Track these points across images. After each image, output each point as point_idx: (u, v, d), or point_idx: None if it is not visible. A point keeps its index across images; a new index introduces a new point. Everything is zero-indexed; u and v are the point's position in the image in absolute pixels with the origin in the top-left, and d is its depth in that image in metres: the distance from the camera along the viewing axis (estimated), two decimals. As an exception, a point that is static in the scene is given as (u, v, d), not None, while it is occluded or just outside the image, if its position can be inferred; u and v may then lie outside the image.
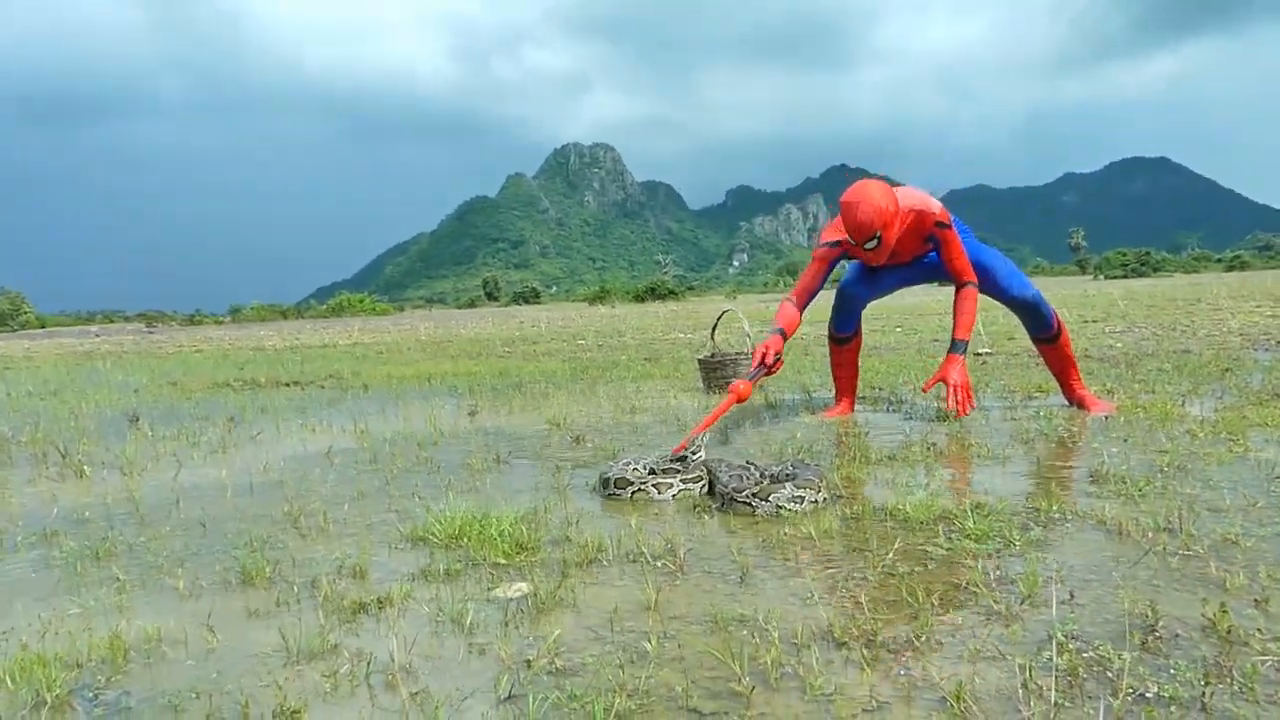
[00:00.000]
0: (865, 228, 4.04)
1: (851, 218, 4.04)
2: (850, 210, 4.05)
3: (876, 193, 4.06)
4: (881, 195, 4.06)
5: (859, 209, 4.02)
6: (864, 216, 4.02)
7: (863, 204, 4.02)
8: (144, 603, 2.17)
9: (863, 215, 4.02)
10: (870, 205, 4.02)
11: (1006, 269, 4.61)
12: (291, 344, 17.74)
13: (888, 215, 4.07)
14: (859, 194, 4.07)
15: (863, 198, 4.04)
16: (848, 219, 4.06)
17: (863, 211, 4.02)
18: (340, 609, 2.03)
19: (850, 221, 4.06)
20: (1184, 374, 5.82)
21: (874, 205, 4.02)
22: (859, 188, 4.12)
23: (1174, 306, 15.26)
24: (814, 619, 1.85)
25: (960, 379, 4.29)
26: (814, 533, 2.47)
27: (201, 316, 58.62)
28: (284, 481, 3.59)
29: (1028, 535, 2.36)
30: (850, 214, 4.05)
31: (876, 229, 4.05)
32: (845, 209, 4.07)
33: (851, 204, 4.05)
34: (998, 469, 3.26)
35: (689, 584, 2.12)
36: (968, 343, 4.32)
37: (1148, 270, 68.03)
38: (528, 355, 10.97)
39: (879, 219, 4.03)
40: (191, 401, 7.17)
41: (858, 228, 4.05)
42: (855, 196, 4.06)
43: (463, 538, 2.55)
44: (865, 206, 4.01)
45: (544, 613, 1.96)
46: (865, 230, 4.05)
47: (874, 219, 4.02)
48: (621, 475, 3.09)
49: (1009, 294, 4.59)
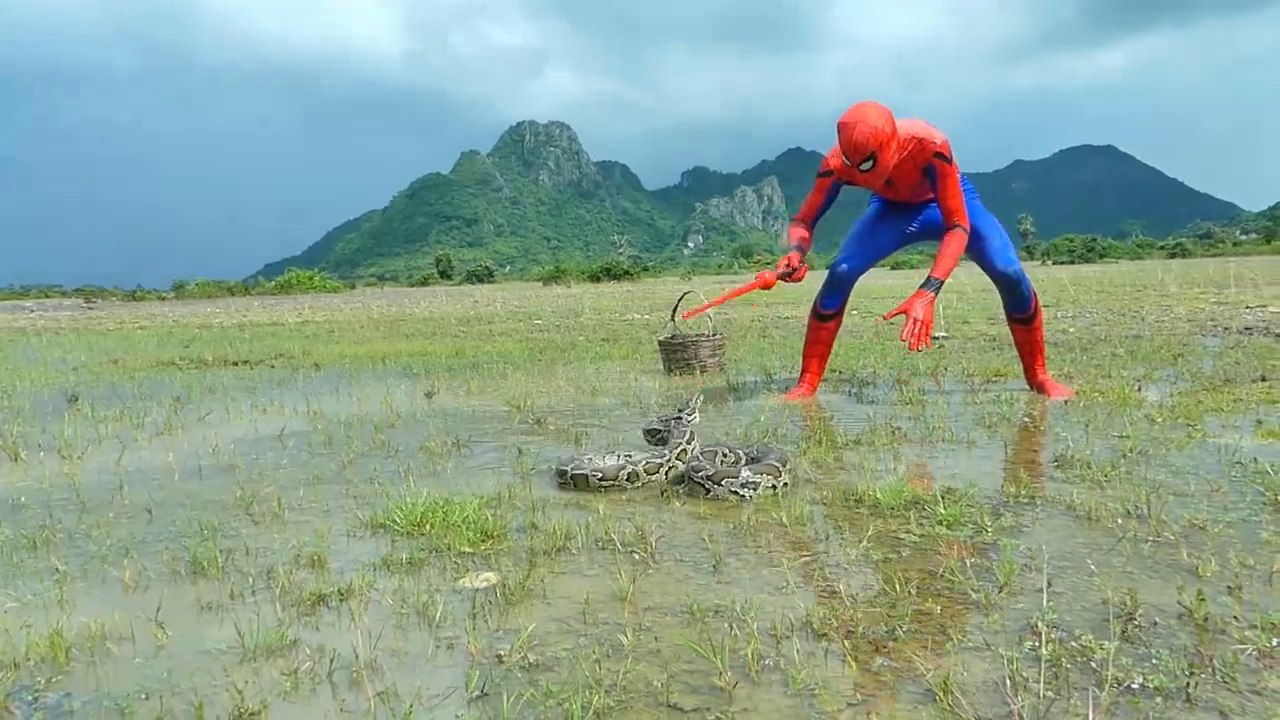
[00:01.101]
0: (861, 148, 3.99)
1: (847, 138, 4.00)
2: (847, 130, 4.01)
3: (873, 113, 4.01)
4: (878, 116, 4.01)
5: (855, 129, 3.98)
6: (859, 136, 3.97)
7: (859, 124, 3.98)
8: (86, 596, 2.06)
9: (858, 135, 3.97)
10: (866, 125, 3.97)
11: (1001, 240, 4.59)
12: (239, 321, 17.34)
13: (884, 136, 4.01)
14: (856, 114, 4.02)
15: (859, 118, 3.99)
16: (844, 139, 4.03)
17: (859, 131, 3.97)
18: (298, 601, 1.94)
19: (846, 142, 4.02)
20: (1137, 359, 5.89)
21: (870, 125, 3.97)
22: (856, 108, 4.06)
23: (1122, 292, 15.55)
24: (791, 609, 1.80)
25: (923, 315, 4.18)
26: (785, 519, 2.43)
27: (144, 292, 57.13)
28: (235, 465, 3.47)
29: (999, 521, 2.35)
30: (846, 134, 4.01)
31: (872, 149, 4.00)
32: (842, 129, 4.03)
33: (848, 124, 4.01)
34: (963, 454, 3.25)
35: (661, 573, 2.06)
36: (942, 284, 4.29)
37: (1094, 256, 69.41)
38: (483, 335, 10.82)
39: (874, 139, 3.98)
40: (134, 381, 6.95)
41: (854, 147, 4.01)
42: (852, 117, 4.02)
43: (425, 525, 2.47)
44: (862, 126, 3.97)
45: (513, 604, 1.89)
46: (861, 150, 4.00)
47: (869, 139, 3.97)
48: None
49: (996, 266, 4.55)
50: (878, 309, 12.78)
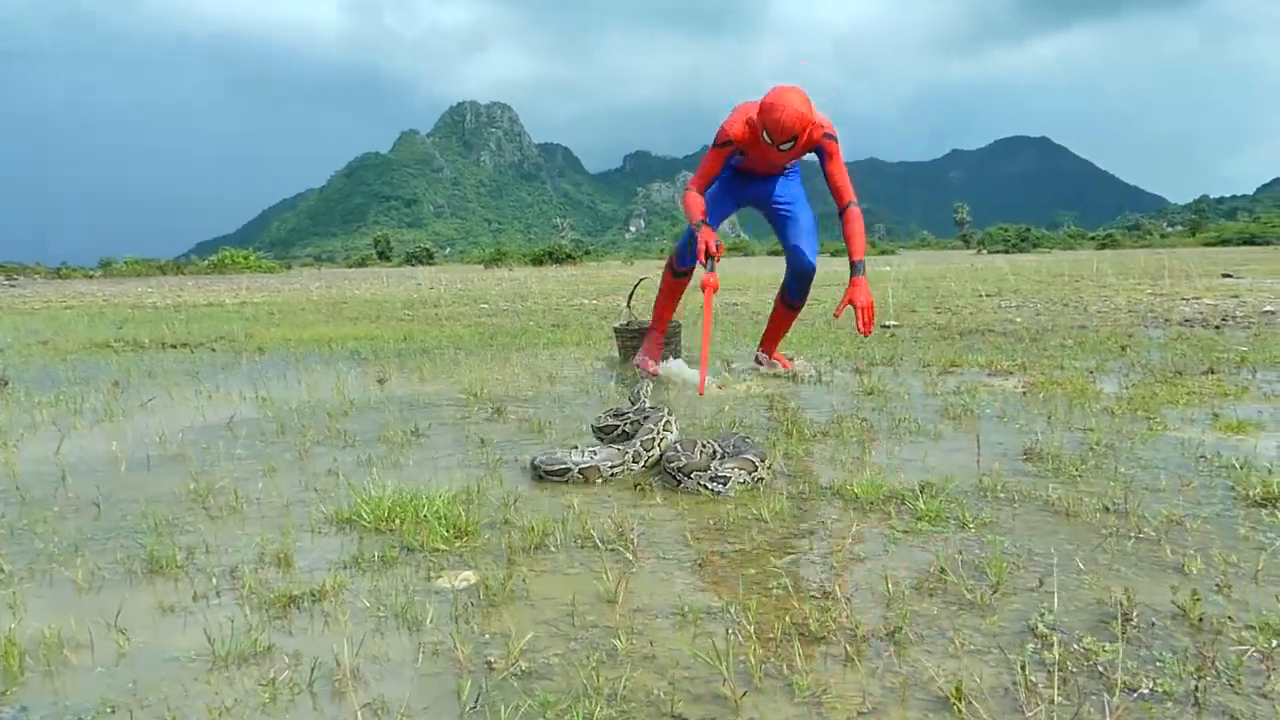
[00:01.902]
0: (788, 130, 4.37)
1: (775, 120, 4.34)
2: (774, 112, 4.34)
3: (798, 99, 4.37)
4: (803, 101, 4.39)
5: (784, 111, 4.33)
6: (788, 119, 4.34)
7: (787, 108, 4.33)
8: (36, 598, 1.93)
9: (787, 118, 4.34)
10: (794, 109, 4.34)
11: (813, 234, 5.07)
12: (174, 302, 16.82)
13: (807, 120, 4.40)
14: (782, 99, 4.36)
15: (786, 102, 4.35)
16: (771, 121, 4.36)
17: (788, 115, 4.33)
18: (268, 603, 1.85)
19: (774, 124, 4.35)
20: (1086, 350, 5.99)
21: (797, 110, 4.35)
22: (781, 93, 4.39)
23: (1060, 282, 15.86)
24: (785, 610, 1.76)
25: (866, 300, 4.56)
26: (765, 514, 2.38)
27: (69, 270, 55.16)
28: (185, 455, 3.33)
29: (979, 516, 2.33)
30: (774, 116, 4.34)
31: (796, 132, 4.38)
32: (769, 110, 4.36)
33: (776, 106, 4.35)
34: (931, 446, 3.24)
35: (645, 572, 2.01)
36: (865, 262, 4.68)
37: (1028, 246, 70.83)
38: (430, 319, 10.63)
39: (800, 123, 4.37)
40: (67, 363, 6.67)
41: (781, 129, 4.36)
42: (779, 100, 4.36)
43: (394, 520, 2.38)
44: (790, 110, 4.33)
45: (496, 606, 1.82)
46: (788, 132, 4.38)
47: (796, 122, 4.35)
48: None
49: (801, 252, 4.98)
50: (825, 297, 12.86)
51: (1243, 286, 12.85)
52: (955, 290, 13.54)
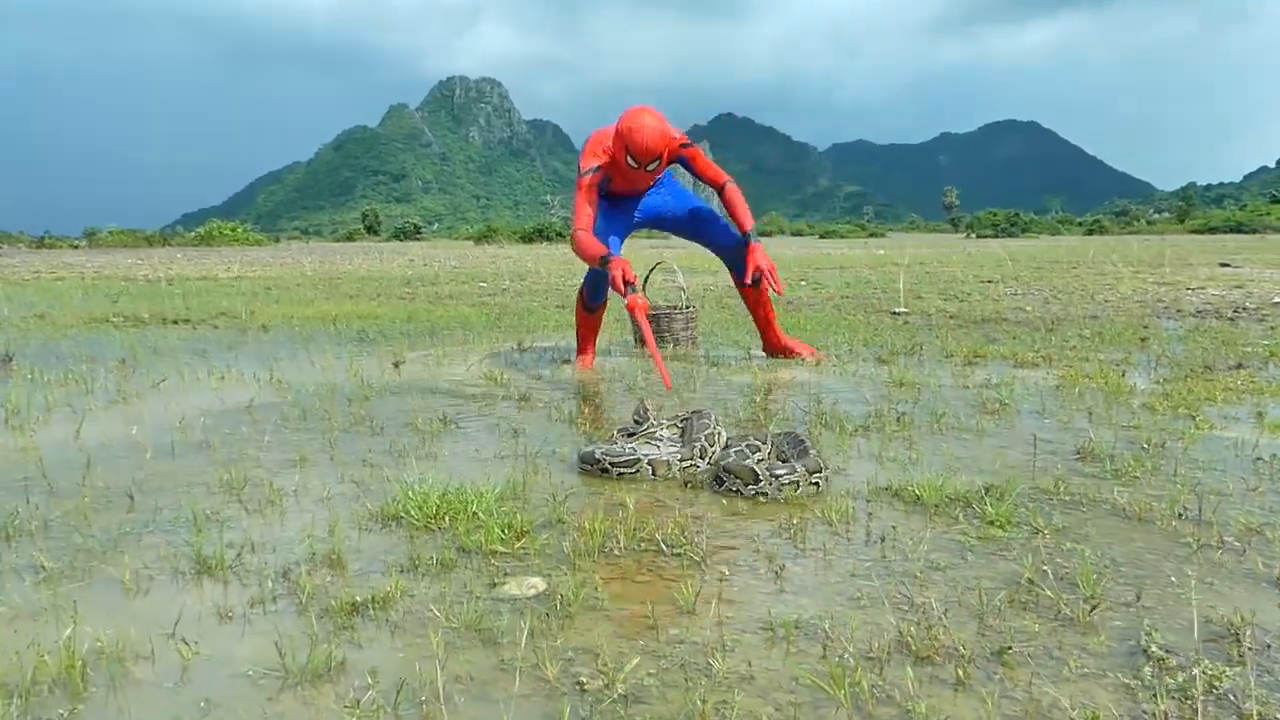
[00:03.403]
0: (653, 150, 4.41)
1: (640, 142, 4.38)
2: (638, 134, 4.38)
3: (655, 120, 4.44)
4: (659, 120, 4.45)
5: (645, 132, 4.39)
6: (651, 140, 4.39)
7: (647, 128, 4.39)
8: (84, 600, 1.84)
9: (650, 139, 4.39)
10: (654, 130, 4.39)
11: (713, 211, 5.15)
12: (166, 275, 16.59)
13: (666, 137, 4.44)
14: (640, 120, 4.42)
15: (644, 124, 4.40)
16: (636, 143, 4.38)
17: (649, 135, 4.39)
18: (330, 610, 1.76)
19: (639, 145, 4.39)
20: (1106, 341, 5.93)
21: (657, 129, 4.40)
22: (638, 115, 4.45)
23: (1059, 269, 15.82)
24: (878, 625, 1.68)
25: (769, 263, 4.67)
26: (831, 517, 2.31)
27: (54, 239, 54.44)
28: (210, 442, 3.22)
29: (1052, 522, 2.26)
30: (639, 138, 4.38)
31: (660, 151, 4.43)
32: (634, 133, 4.39)
33: (638, 129, 4.39)
34: (976, 443, 3.17)
35: (719, 580, 1.92)
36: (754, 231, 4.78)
37: (1016, 231, 70.90)
38: (431, 298, 10.50)
39: (662, 142, 4.43)
40: (69, 339, 6.54)
41: (646, 150, 4.40)
42: (639, 122, 4.41)
43: (442, 517, 2.29)
44: (650, 131, 4.39)
45: (571, 617, 1.73)
46: (653, 152, 4.42)
47: (658, 142, 4.41)
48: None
49: (720, 242, 5.04)
50: (828, 281, 12.79)
51: (1244, 276, 12.83)
52: (959, 277, 13.48)
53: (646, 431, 3.08)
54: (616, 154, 4.49)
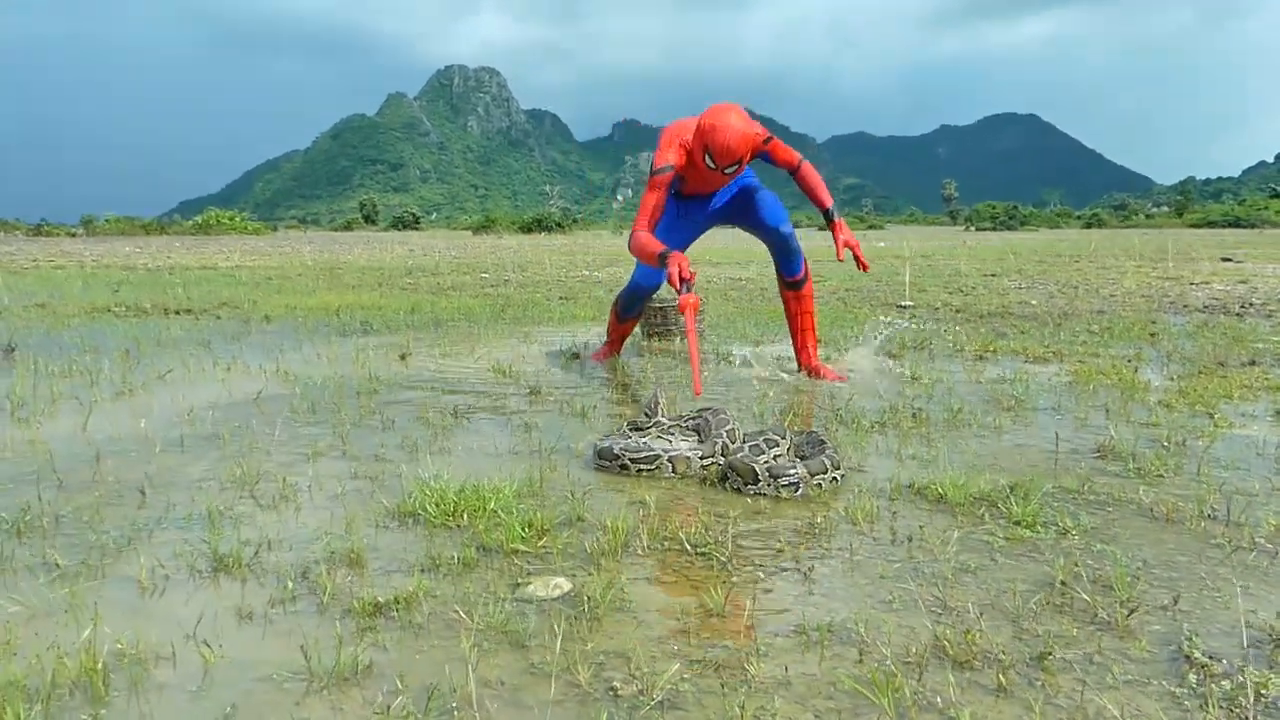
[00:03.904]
0: (733, 153, 4.00)
1: (722, 142, 3.98)
2: (719, 135, 3.98)
3: (738, 119, 4.03)
4: (746, 121, 4.05)
5: (728, 133, 3.98)
6: (733, 142, 3.98)
7: (730, 129, 3.98)
8: (101, 599, 1.80)
9: (732, 140, 3.98)
10: (737, 131, 3.99)
11: (775, 200, 4.65)
12: (165, 264, 16.51)
13: (750, 140, 4.04)
14: (723, 119, 4.01)
15: (728, 123, 4.00)
16: (718, 142, 3.98)
17: (732, 137, 3.98)
18: (353, 611, 1.72)
19: (719, 146, 3.99)
20: (1115, 336, 5.90)
21: (740, 131, 3.99)
22: (722, 113, 4.04)
23: (1061, 263, 15.79)
24: (912, 629, 1.65)
25: (855, 239, 4.31)
26: (855, 516, 2.27)
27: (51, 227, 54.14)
28: (220, 435, 3.18)
29: (1079, 522, 2.23)
30: (721, 138, 3.98)
31: (742, 155, 4.03)
32: (715, 133, 3.99)
33: (720, 129, 3.99)
34: (995, 440, 3.14)
35: (747, 581, 1.89)
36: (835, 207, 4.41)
37: (1015, 224, 70.73)
38: (434, 289, 10.44)
39: (745, 145, 4.01)
40: (71, 329, 6.48)
41: (727, 152, 4.00)
42: (721, 121, 4.00)
43: (461, 514, 2.26)
44: (735, 133, 3.98)
45: (599, 619, 1.70)
46: (733, 155, 4.01)
47: (740, 144, 3.99)
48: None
49: (768, 224, 4.57)
50: (830, 274, 12.75)
51: (1248, 271, 12.81)
52: (962, 270, 13.44)
53: (655, 425, 3.05)
54: (694, 151, 4.11)
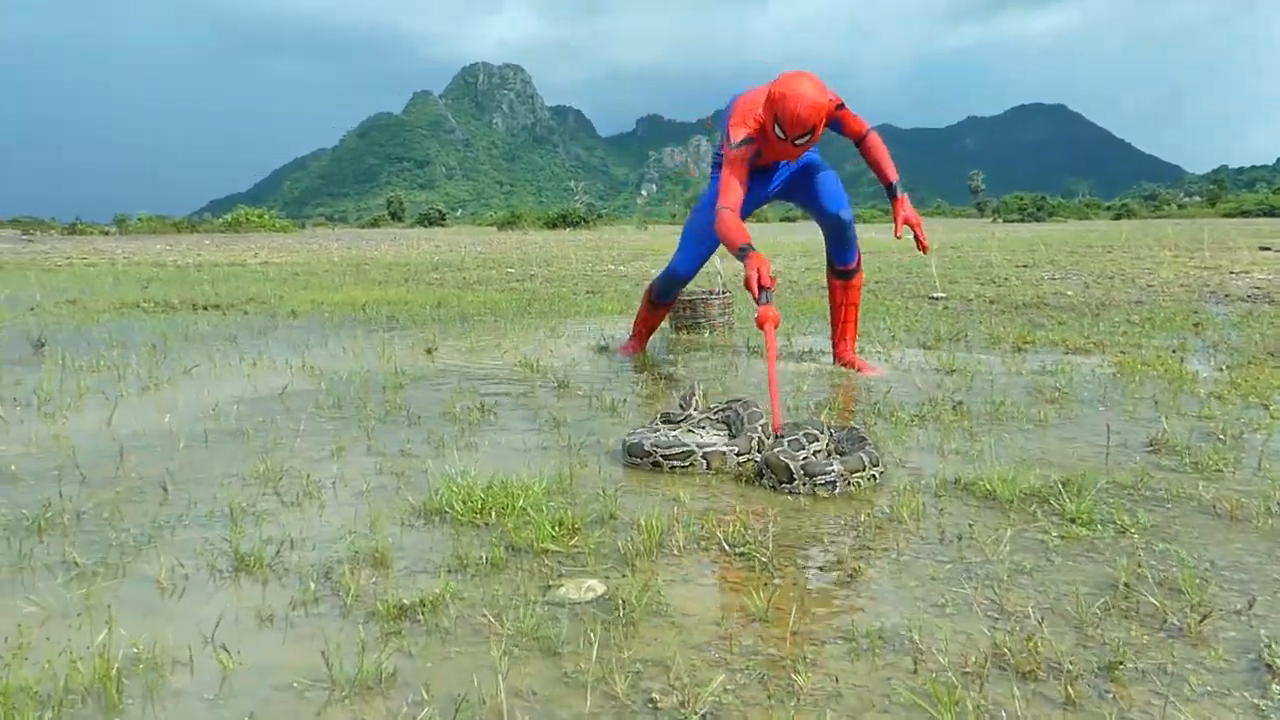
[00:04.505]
0: (805, 122, 3.74)
1: (794, 112, 3.71)
2: (793, 104, 3.71)
3: (811, 87, 3.75)
4: (818, 89, 3.77)
5: (801, 102, 3.70)
6: (805, 111, 3.71)
7: (803, 97, 3.71)
8: (117, 600, 1.74)
9: (804, 109, 3.71)
10: (811, 101, 3.72)
11: (836, 182, 4.42)
12: (195, 261, 16.61)
13: (823, 110, 3.78)
14: (796, 87, 3.73)
15: (802, 92, 3.72)
16: (789, 111, 3.72)
17: (804, 105, 3.71)
18: (376, 614, 1.65)
19: (790, 115, 3.72)
20: (1157, 327, 5.74)
21: (812, 100, 3.72)
22: (795, 80, 3.76)
23: (1094, 253, 15.51)
24: (968, 635, 1.55)
25: (917, 217, 4.10)
26: (901, 513, 2.17)
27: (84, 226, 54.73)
28: (244, 430, 3.12)
29: (1138, 520, 2.11)
30: (793, 107, 3.71)
31: (814, 124, 3.77)
32: (787, 101, 3.71)
33: (794, 96, 3.71)
34: (1040, 434, 3.02)
35: (789, 583, 1.80)
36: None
37: (1044, 215, 69.82)
38: (460, 284, 10.40)
39: (817, 115, 3.75)
40: (100, 325, 6.48)
41: (798, 122, 3.73)
42: (795, 89, 3.72)
43: (489, 512, 2.18)
44: (808, 102, 3.71)
45: (635, 624, 1.61)
46: (805, 125, 3.75)
47: (813, 114, 3.73)
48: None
49: (827, 209, 4.37)
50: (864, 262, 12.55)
51: (1289, 260, 12.50)
52: (992, 261, 13.22)
53: (687, 419, 2.96)
54: (765, 122, 3.85)
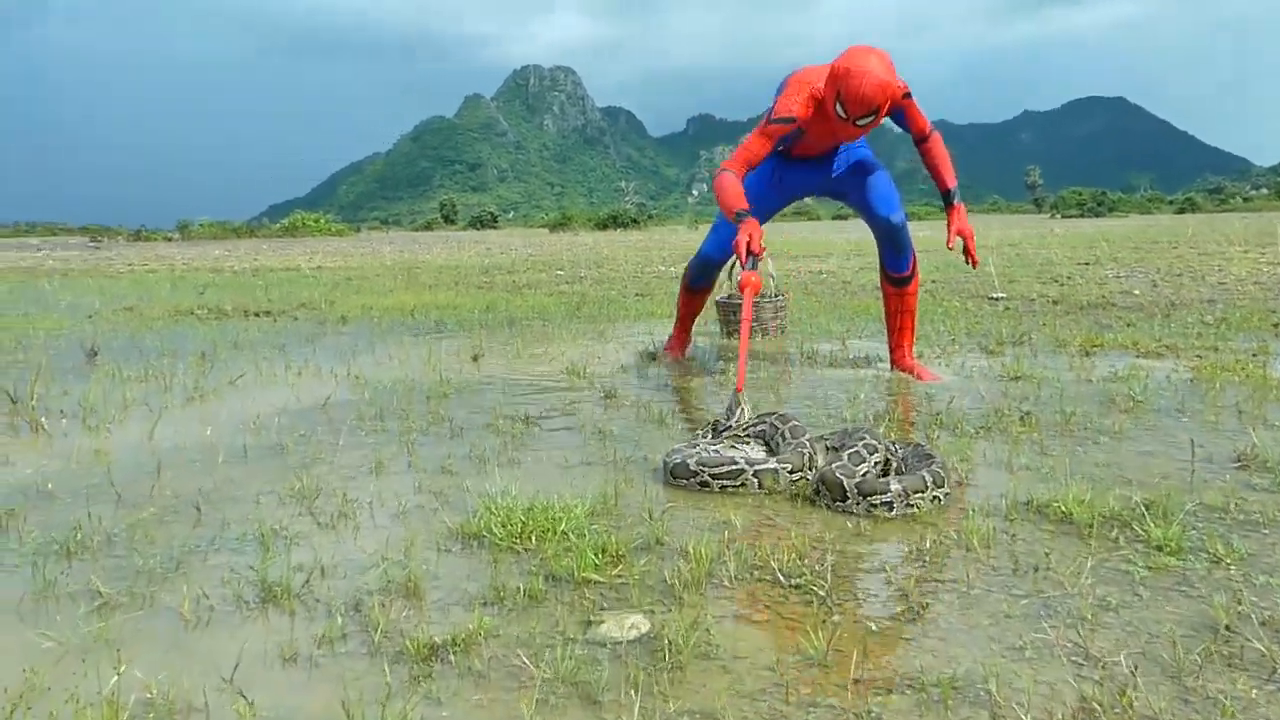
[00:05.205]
0: (870, 101, 3.50)
1: (857, 89, 3.48)
2: (858, 81, 3.47)
3: (880, 64, 3.52)
4: (886, 68, 3.53)
5: (866, 79, 3.47)
6: (871, 89, 3.48)
7: (869, 74, 3.47)
8: (137, 635, 1.66)
9: (870, 88, 3.48)
10: (876, 77, 3.48)
11: (888, 186, 4.19)
12: (251, 266, 16.84)
13: (890, 89, 3.54)
14: (862, 63, 3.50)
15: (868, 68, 3.48)
16: (851, 90, 3.49)
17: (870, 84, 3.47)
18: (405, 654, 1.54)
19: (854, 95, 3.49)
20: (1233, 328, 5.45)
21: (879, 78, 3.48)
22: (861, 56, 3.53)
23: (1159, 249, 14.99)
24: (1051, 685, 1.40)
25: (970, 228, 3.89)
26: (971, 540, 2.01)
27: (149, 233, 56.08)
28: (284, 445, 3.06)
29: (1233, 549, 1.93)
30: (857, 85, 3.47)
31: (879, 104, 3.53)
32: (851, 77, 3.48)
33: (860, 72, 3.47)
34: (1115, 447, 2.83)
35: (850, 621, 1.65)
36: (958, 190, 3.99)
37: (1103, 210, 68.07)
38: (509, 287, 10.36)
39: (883, 94, 3.51)
40: (153, 332, 6.53)
41: (863, 101, 3.50)
42: (861, 65, 3.49)
43: (529, 537, 2.07)
44: (874, 80, 3.47)
45: (682, 669, 1.48)
46: (870, 104, 3.51)
47: (879, 92, 3.49)
48: None
49: (879, 213, 4.14)
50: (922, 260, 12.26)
51: (1370, 255, 11.94)
52: (1053, 259, 12.84)
53: (733, 433, 2.81)
54: (827, 97, 3.62)
